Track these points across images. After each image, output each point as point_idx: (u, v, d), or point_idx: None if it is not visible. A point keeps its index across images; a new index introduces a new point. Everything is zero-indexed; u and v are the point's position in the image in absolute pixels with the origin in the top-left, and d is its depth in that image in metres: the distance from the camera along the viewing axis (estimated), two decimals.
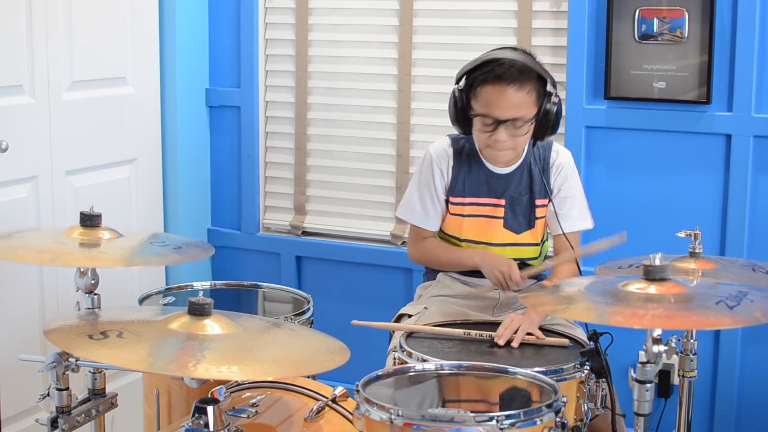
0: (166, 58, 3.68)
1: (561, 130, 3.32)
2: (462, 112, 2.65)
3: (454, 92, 2.66)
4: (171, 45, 3.67)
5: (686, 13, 3.13)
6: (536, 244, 2.78)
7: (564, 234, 2.73)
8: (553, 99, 2.62)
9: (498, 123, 2.59)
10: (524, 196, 2.74)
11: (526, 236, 2.75)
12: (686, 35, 3.14)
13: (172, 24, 3.66)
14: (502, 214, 2.74)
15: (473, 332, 2.49)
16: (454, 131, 2.77)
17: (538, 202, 2.75)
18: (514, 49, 2.68)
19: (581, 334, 2.56)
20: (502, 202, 2.73)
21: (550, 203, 2.75)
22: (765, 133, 3.11)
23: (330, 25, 3.71)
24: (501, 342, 2.44)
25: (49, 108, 3.17)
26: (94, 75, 3.37)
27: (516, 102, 2.57)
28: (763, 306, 1.95)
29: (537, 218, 2.76)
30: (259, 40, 3.79)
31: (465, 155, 2.75)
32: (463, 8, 3.50)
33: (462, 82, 2.66)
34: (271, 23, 3.81)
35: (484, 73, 2.59)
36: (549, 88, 2.63)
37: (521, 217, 2.75)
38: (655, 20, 3.17)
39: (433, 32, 3.56)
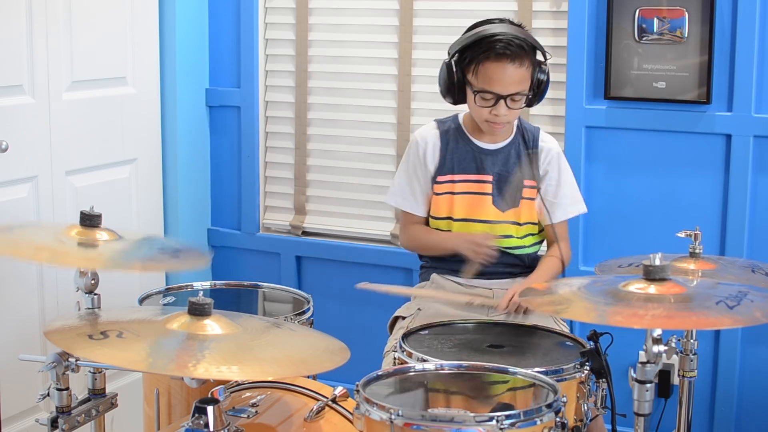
0: (166, 58, 3.68)
1: (561, 130, 3.34)
2: (457, 85, 2.70)
3: (448, 65, 2.71)
4: (171, 45, 3.67)
5: (686, 13, 3.13)
6: (517, 223, 2.79)
7: (556, 223, 2.79)
8: (544, 68, 2.70)
9: (499, 98, 2.63)
10: (512, 174, 2.77)
11: (509, 214, 2.78)
12: (686, 35, 3.14)
13: (172, 24, 3.66)
14: (489, 191, 2.76)
15: (476, 300, 2.61)
16: (433, 120, 2.84)
17: (527, 182, 2.78)
18: (502, 21, 2.73)
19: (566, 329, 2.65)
20: (489, 178, 2.76)
21: (539, 193, 2.77)
22: (765, 133, 3.11)
23: (330, 25, 3.71)
24: (500, 310, 2.56)
25: (49, 108, 3.17)
26: (94, 75, 3.37)
27: (517, 78, 2.64)
28: (763, 306, 1.95)
29: (523, 198, 2.78)
30: (259, 40, 3.79)
31: (451, 135, 2.80)
32: (463, 8, 3.49)
33: (456, 57, 2.70)
34: (271, 23, 3.81)
35: (485, 51, 2.62)
36: (540, 58, 2.70)
37: (507, 195, 2.77)
38: (655, 20, 3.17)
39: (433, 32, 3.56)
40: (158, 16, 3.62)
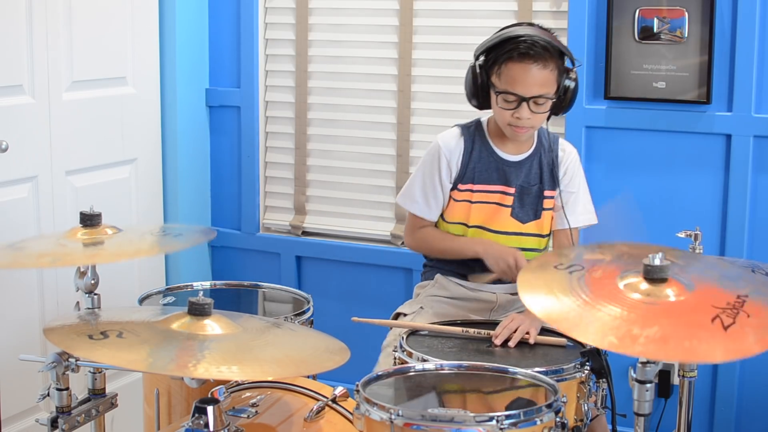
0: (166, 58, 3.68)
1: (561, 130, 3.34)
2: (481, 88, 2.65)
3: (473, 68, 2.66)
4: (171, 45, 3.67)
5: (686, 13, 3.13)
6: (540, 235, 2.78)
7: (570, 228, 2.75)
8: (572, 75, 2.65)
9: (521, 100, 2.59)
10: (534, 186, 2.74)
11: (531, 226, 2.75)
12: (686, 35, 3.14)
13: (172, 24, 3.66)
14: (510, 203, 2.73)
15: (471, 330, 2.49)
16: (456, 126, 2.78)
17: (547, 193, 2.75)
18: (531, 25, 2.68)
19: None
20: (512, 190, 2.73)
21: (557, 197, 2.76)
22: (765, 133, 3.11)
23: (330, 25, 3.71)
24: (497, 341, 2.44)
25: (49, 108, 3.17)
26: (94, 75, 3.37)
27: (540, 80, 2.59)
28: (757, 327, 1.91)
29: (544, 209, 2.76)
30: (259, 40, 3.79)
31: (476, 143, 2.74)
32: (463, 8, 3.50)
33: (481, 59, 2.65)
34: (271, 23, 3.81)
35: (508, 51, 2.58)
36: (568, 64, 2.65)
37: (528, 206, 2.74)
38: (655, 20, 3.17)
39: (433, 32, 3.56)
40: (158, 16, 3.62)
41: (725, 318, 1.88)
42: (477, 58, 2.66)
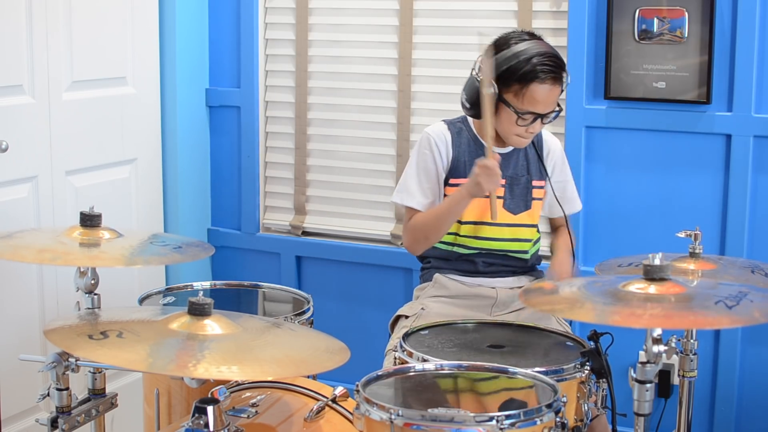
0: (166, 58, 3.68)
1: (561, 130, 3.34)
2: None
3: (480, 80, 2.63)
4: (171, 45, 3.67)
5: (686, 13, 3.13)
6: (533, 225, 2.81)
7: (564, 216, 2.81)
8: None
9: (537, 116, 2.65)
10: (522, 176, 2.78)
11: (523, 217, 2.78)
12: (686, 35, 3.14)
13: (172, 24, 3.66)
14: (501, 194, 2.75)
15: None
16: (442, 121, 2.82)
17: (535, 183, 2.79)
18: (532, 36, 2.69)
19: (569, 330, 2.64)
20: (502, 181, 2.74)
21: (548, 187, 2.80)
22: (765, 133, 3.11)
23: (330, 25, 3.71)
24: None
25: (49, 108, 3.17)
26: (94, 75, 3.37)
27: (556, 96, 2.67)
28: (762, 306, 1.94)
29: (534, 199, 2.79)
30: (259, 40, 3.79)
31: (462, 137, 2.78)
32: (463, 8, 3.50)
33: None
34: (271, 23, 3.81)
35: (533, 73, 2.59)
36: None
37: (519, 197, 2.77)
38: (655, 20, 3.17)
39: (433, 32, 3.56)
40: (158, 16, 3.62)
41: (729, 302, 1.91)
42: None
